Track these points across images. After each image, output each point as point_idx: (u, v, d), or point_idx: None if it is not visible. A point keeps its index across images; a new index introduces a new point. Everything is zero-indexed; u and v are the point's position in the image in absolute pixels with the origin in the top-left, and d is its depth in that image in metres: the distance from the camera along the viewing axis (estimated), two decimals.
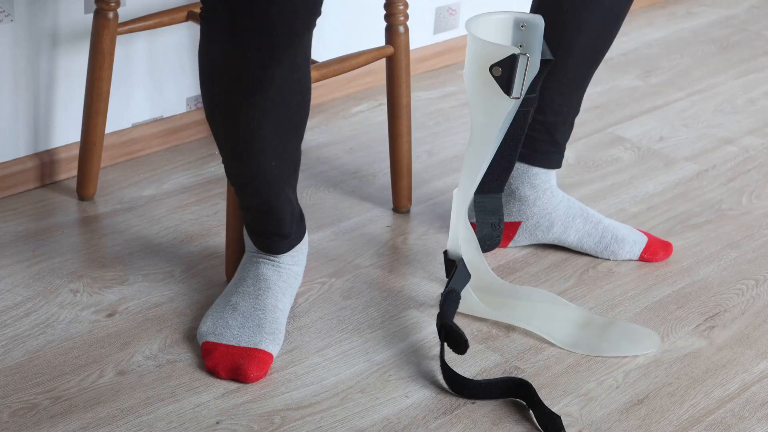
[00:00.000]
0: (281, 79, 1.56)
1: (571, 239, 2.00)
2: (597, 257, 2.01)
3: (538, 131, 1.94)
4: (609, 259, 2.00)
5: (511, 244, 2.01)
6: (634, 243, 2.00)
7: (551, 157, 1.97)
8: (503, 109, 1.66)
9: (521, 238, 2.01)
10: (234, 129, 1.62)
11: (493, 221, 1.95)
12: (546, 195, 1.98)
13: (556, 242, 2.01)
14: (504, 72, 1.62)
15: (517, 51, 1.60)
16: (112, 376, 1.67)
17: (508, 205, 1.99)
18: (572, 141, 2.38)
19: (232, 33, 1.52)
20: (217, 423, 1.60)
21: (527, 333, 1.81)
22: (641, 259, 2.01)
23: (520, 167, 1.97)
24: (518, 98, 1.64)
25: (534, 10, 1.86)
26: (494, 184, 1.93)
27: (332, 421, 1.62)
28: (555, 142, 1.95)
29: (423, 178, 2.23)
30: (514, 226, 2.00)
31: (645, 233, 2.03)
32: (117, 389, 1.64)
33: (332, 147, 2.33)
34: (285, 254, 1.80)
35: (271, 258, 1.80)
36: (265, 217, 1.75)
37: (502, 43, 1.68)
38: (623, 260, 2.01)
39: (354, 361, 1.73)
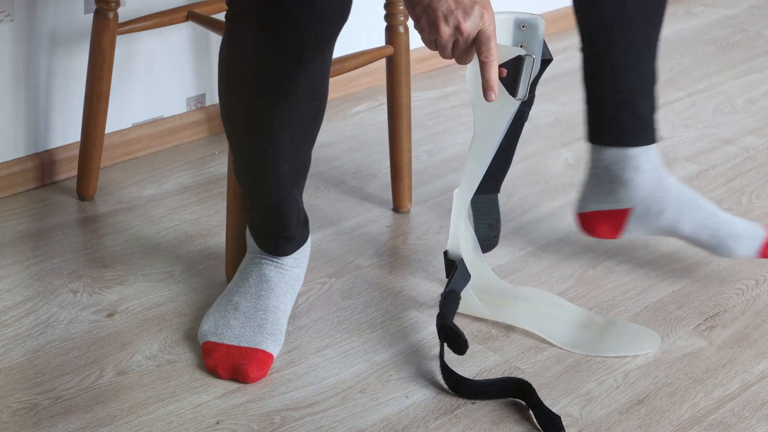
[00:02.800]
0: (305, 85, 1.55)
1: (685, 228, 1.89)
2: (711, 254, 1.92)
3: (619, 109, 1.85)
4: (726, 257, 1.92)
5: (624, 235, 1.92)
6: (753, 238, 1.90)
7: (640, 134, 1.86)
8: (508, 110, 1.66)
9: (633, 227, 1.91)
10: (252, 133, 1.61)
11: (489, 222, 1.94)
12: (652, 177, 1.88)
13: (668, 232, 1.91)
14: (509, 73, 1.62)
15: (522, 52, 1.60)
16: (112, 376, 1.67)
17: (614, 193, 1.90)
18: (572, 141, 2.38)
19: (260, 38, 1.50)
20: (217, 423, 1.60)
21: (527, 333, 1.81)
22: (763, 255, 1.90)
23: (612, 153, 1.87)
24: (523, 99, 1.64)
25: None
26: (490, 185, 1.92)
27: (332, 421, 1.62)
28: (640, 117, 1.86)
29: (423, 178, 2.23)
30: (623, 214, 1.91)
31: (766, 228, 1.92)
32: (117, 389, 1.64)
33: (332, 147, 2.33)
34: (288, 256, 1.80)
35: (274, 259, 1.80)
36: (272, 219, 1.75)
37: (506, 45, 1.68)
38: (740, 258, 1.91)
39: (354, 361, 1.73)
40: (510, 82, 1.60)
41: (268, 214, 1.75)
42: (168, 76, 2.24)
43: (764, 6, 3.19)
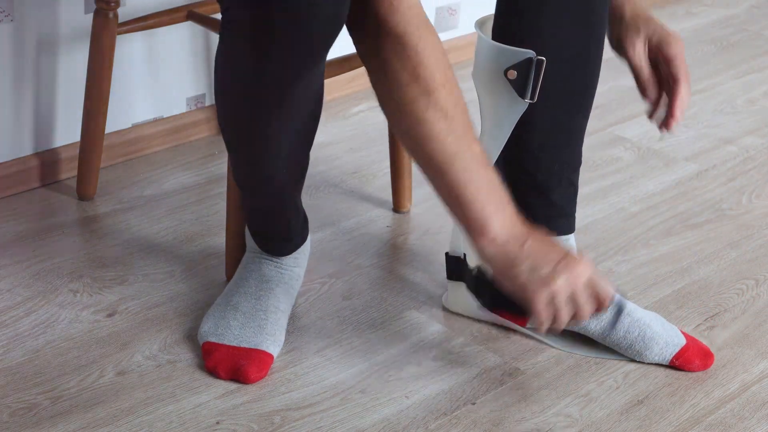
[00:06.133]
0: (301, 92, 1.54)
1: (592, 327, 1.76)
2: (622, 355, 1.77)
3: (531, 195, 1.73)
4: (636, 360, 1.77)
5: (529, 324, 1.80)
6: (666, 345, 1.76)
7: (554, 222, 1.74)
8: (516, 111, 1.66)
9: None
10: (249, 139, 1.61)
11: None
12: None
13: (575, 328, 1.77)
14: (520, 75, 1.62)
15: (532, 54, 1.60)
16: (112, 376, 1.67)
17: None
18: None
19: (254, 50, 1.49)
20: (217, 423, 1.60)
21: (527, 334, 1.81)
22: (672, 364, 1.75)
23: None
24: (533, 101, 1.65)
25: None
26: None
27: (332, 421, 1.62)
28: (554, 205, 1.74)
29: (423, 178, 2.23)
30: None
31: (685, 335, 1.78)
32: (117, 389, 1.64)
33: (332, 147, 2.33)
34: (288, 256, 1.80)
35: (274, 259, 1.79)
36: (271, 220, 1.75)
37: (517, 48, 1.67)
38: (650, 363, 1.77)
39: (354, 361, 1.73)
40: (520, 84, 1.61)
41: (267, 216, 1.74)
42: (168, 76, 2.24)
43: (764, 6, 3.19)
